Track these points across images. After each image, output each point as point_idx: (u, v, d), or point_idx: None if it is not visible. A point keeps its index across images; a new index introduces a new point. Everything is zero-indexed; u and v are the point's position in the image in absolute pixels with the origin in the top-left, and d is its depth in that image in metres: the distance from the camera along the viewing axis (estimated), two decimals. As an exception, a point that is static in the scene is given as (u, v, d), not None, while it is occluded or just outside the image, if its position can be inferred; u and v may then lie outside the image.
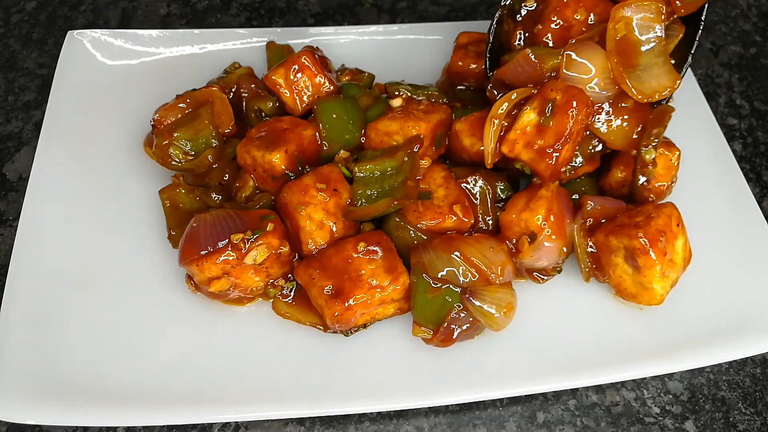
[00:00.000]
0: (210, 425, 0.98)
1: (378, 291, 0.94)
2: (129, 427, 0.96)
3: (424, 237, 1.01)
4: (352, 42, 1.32)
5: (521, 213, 1.00)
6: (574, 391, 1.02)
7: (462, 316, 0.95)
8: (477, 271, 0.96)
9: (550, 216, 1.00)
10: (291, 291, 1.01)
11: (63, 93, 1.19)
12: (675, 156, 1.06)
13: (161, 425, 0.97)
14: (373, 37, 1.33)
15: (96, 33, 1.27)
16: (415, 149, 1.04)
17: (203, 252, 0.93)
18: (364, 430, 0.98)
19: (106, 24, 1.47)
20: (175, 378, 0.94)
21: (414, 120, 1.07)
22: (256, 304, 1.02)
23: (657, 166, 1.04)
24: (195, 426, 0.98)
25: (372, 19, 1.50)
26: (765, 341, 0.99)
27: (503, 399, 1.01)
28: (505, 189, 1.07)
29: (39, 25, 1.46)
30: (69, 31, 1.26)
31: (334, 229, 0.99)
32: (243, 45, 1.30)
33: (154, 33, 1.29)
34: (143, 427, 0.97)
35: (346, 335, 0.98)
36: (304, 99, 1.12)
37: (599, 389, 1.03)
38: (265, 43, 1.28)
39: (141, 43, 1.28)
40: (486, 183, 1.05)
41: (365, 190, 1.01)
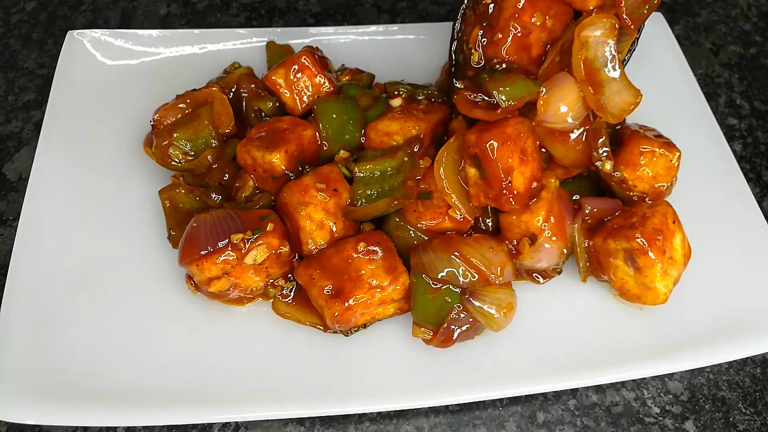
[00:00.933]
0: (210, 425, 0.98)
1: (378, 291, 0.94)
2: (129, 427, 0.96)
3: (424, 237, 1.01)
4: (352, 42, 1.32)
5: (522, 214, 1.00)
6: (574, 391, 1.02)
7: (462, 316, 0.95)
8: (477, 272, 0.96)
9: (550, 217, 1.00)
10: (291, 291, 1.01)
11: (63, 93, 1.19)
12: (675, 157, 1.06)
13: (161, 425, 0.97)
14: (373, 37, 1.33)
15: (96, 33, 1.27)
16: (415, 149, 1.05)
17: (203, 252, 0.94)
18: (364, 430, 0.98)
19: (106, 24, 1.47)
20: (175, 378, 0.94)
21: (414, 120, 1.07)
22: (256, 304, 1.02)
23: (622, 172, 1.05)
24: (195, 426, 0.98)
25: (372, 19, 1.50)
26: (765, 341, 0.99)
27: (503, 399, 1.01)
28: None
29: (39, 25, 1.46)
30: (69, 31, 1.26)
31: (334, 229, 0.99)
32: (243, 45, 1.30)
33: (154, 33, 1.29)
34: (143, 427, 0.97)
35: (346, 335, 0.98)
36: (304, 99, 1.12)
37: (599, 389, 1.03)
38: (265, 43, 1.28)
39: (141, 43, 1.28)
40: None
41: (365, 190, 1.01)
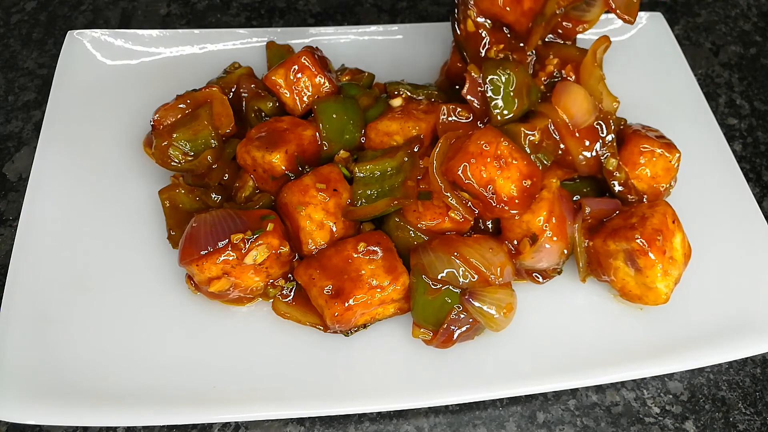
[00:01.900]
0: (210, 425, 0.98)
1: (378, 291, 0.94)
2: (129, 427, 0.96)
3: (424, 237, 1.01)
4: (352, 42, 1.32)
5: (523, 214, 1.00)
6: (574, 391, 1.02)
7: (462, 317, 0.95)
8: (476, 272, 0.96)
9: (551, 218, 1.00)
10: (291, 291, 1.01)
11: (63, 93, 1.19)
12: (675, 158, 1.06)
13: (161, 425, 0.97)
14: (373, 37, 1.33)
15: (96, 33, 1.27)
16: (415, 149, 1.05)
17: (203, 252, 0.93)
18: (364, 430, 0.98)
19: (106, 24, 1.47)
20: (175, 378, 0.94)
21: (414, 120, 1.07)
22: (256, 304, 1.02)
23: (623, 171, 1.05)
24: (195, 426, 0.98)
25: (372, 19, 1.50)
26: (765, 341, 0.99)
27: (503, 399, 1.01)
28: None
29: (39, 25, 1.46)
30: (69, 31, 1.27)
31: (334, 229, 0.99)
32: (243, 45, 1.30)
33: (154, 33, 1.29)
34: (143, 427, 0.97)
35: (346, 335, 0.98)
36: (304, 99, 1.11)
37: (599, 389, 1.03)
38: (265, 43, 1.28)
39: (141, 43, 1.28)
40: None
41: (365, 190, 1.01)
